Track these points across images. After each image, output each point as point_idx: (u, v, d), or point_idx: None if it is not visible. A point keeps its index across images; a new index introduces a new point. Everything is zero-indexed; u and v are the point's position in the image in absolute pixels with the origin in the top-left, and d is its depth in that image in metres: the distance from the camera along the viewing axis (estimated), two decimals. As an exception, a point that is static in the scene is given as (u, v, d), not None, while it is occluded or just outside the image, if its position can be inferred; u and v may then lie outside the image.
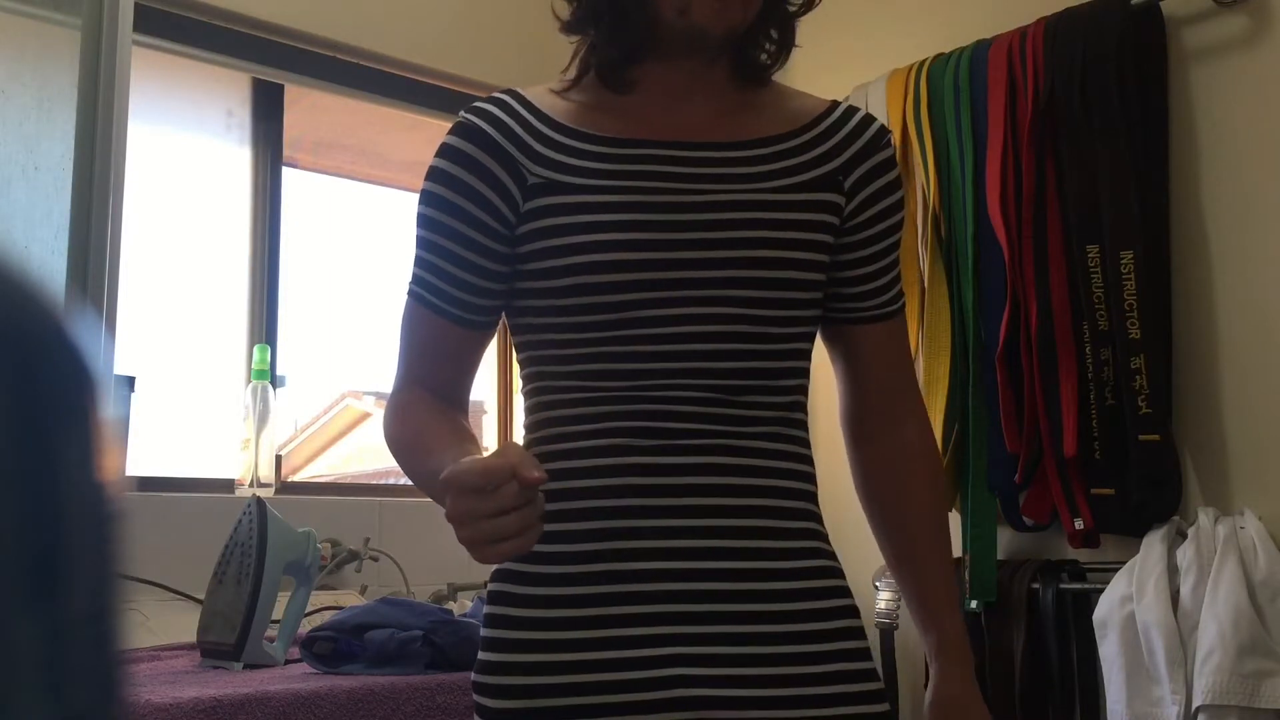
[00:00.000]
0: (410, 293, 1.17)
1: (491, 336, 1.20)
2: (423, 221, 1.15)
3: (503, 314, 1.19)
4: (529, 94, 1.17)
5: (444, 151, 1.14)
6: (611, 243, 1.08)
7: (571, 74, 1.18)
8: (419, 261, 1.16)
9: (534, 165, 1.11)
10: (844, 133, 1.19)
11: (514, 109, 1.15)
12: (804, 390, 1.18)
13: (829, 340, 1.25)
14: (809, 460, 1.17)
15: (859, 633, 1.14)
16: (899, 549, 1.24)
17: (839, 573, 1.16)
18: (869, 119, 1.22)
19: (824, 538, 1.17)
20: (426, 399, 1.15)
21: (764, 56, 1.20)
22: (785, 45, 1.20)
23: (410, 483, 1.18)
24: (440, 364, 1.17)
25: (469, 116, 1.15)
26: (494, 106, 1.15)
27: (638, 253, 1.08)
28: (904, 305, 1.26)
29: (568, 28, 1.17)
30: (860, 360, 1.23)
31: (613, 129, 1.14)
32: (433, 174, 1.14)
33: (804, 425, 1.17)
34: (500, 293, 1.15)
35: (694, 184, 1.11)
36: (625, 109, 1.15)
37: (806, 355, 1.18)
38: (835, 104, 1.22)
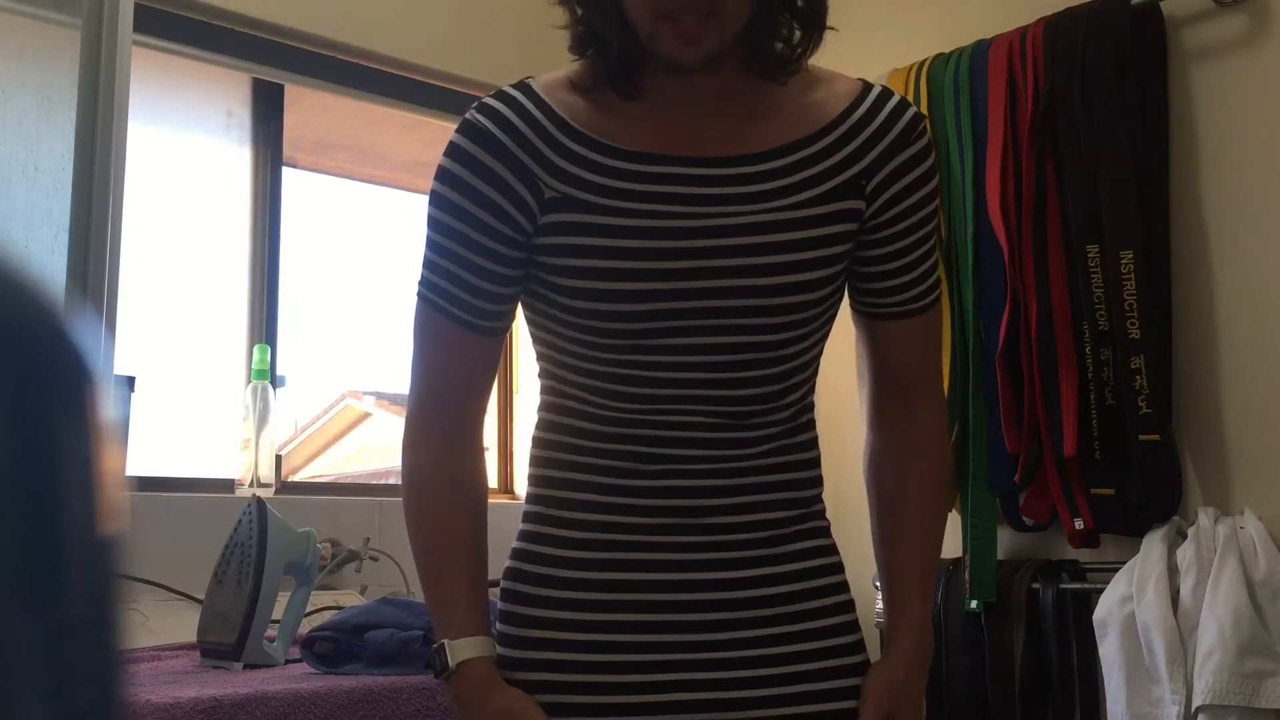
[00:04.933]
0: (422, 296, 1.13)
1: (505, 335, 1.18)
2: (433, 224, 1.11)
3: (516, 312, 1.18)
4: (541, 88, 1.12)
5: (453, 153, 1.10)
6: (627, 270, 1.07)
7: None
8: (430, 265, 1.12)
9: (550, 178, 1.08)
10: (871, 129, 1.13)
11: (526, 110, 1.10)
12: (810, 392, 1.18)
13: (858, 328, 1.23)
14: (813, 464, 1.18)
15: (850, 627, 1.16)
16: (885, 530, 1.22)
17: (835, 569, 1.18)
18: (902, 108, 1.15)
19: (823, 533, 1.18)
20: (448, 474, 1.14)
21: (781, 47, 1.11)
22: (812, 29, 1.11)
23: None
24: (457, 375, 1.15)
25: (478, 117, 1.10)
26: (505, 106, 1.10)
27: (652, 282, 1.07)
28: (935, 300, 1.21)
29: (572, 50, 1.13)
30: (881, 353, 1.22)
31: (629, 139, 1.10)
32: (442, 175, 1.10)
33: (809, 426, 1.18)
34: (513, 296, 1.14)
35: (709, 206, 1.09)
36: (641, 115, 1.11)
37: (815, 362, 1.17)
38: (867, 90, 1.16)
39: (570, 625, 1.10)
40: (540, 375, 1.18)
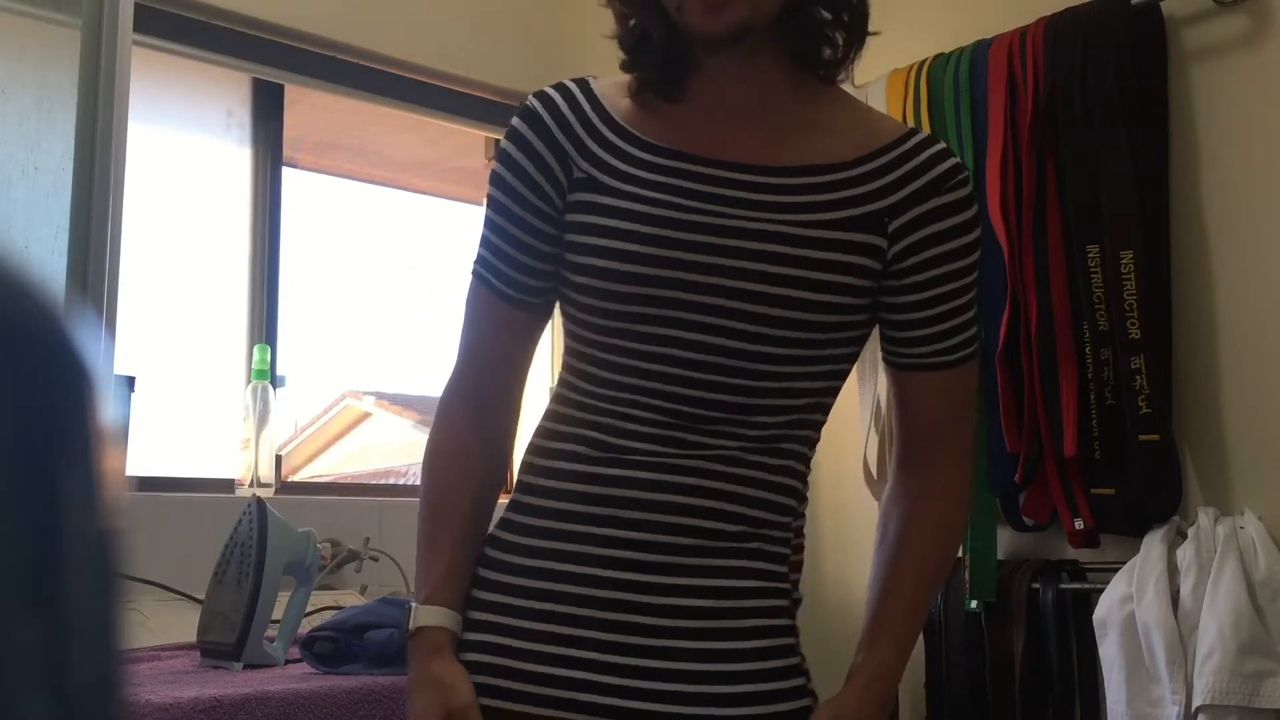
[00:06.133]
0: (471, 271, 1.20)
1: (546, 320, 1.21)
2: (487, 200, 1.19)
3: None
4: (598, 86, 1.18)
5: (507, 133, 1.17)
6: (624, 252, 1.09)
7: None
8: (481, 240, 1.19)
9: (581, 160, 1.13)
10: (904, 170, 1.11)
11: (575, 99, 1.16)
12: (800, 427, 1.13)
13: (887, 378, 1.21)
14: (779, 490, 1.12)
15: (781, 652, 1.10)
16: (879, 573, 1.17)
17: (776, 594, 1.11)
18: (941, 156, 1.13)
19: (772, 559, 1.12)
20: (468, 448, 1.17)
21: (828, 51, 1.12)
22: (855, 32, 1.13)
23: (410, 483, 1.20)
24: (491, 348, 1.19)
25: (533, 100, 1.17)
26: (557, 94, 1.17)
27: (645, 267, 1.08)
28: (966, 357, 1.16)
29: (623, 67, 1.17)
30: (905, 405, 1.18)
31: (663, 136, 1.13)
32: (497, 154, 1.18)
33: (791, 455, 1.13)
34: (550, 274, 1.16)
35: (720, 206, 1.09)
36: (681, 117, 1.14)
37: (808, 393, 1.12)
38: (911, 134, 1.15)
39: (506, 610, 1.11)
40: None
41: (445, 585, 1.13)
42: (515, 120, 1.17)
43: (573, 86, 1.17)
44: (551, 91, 1.17)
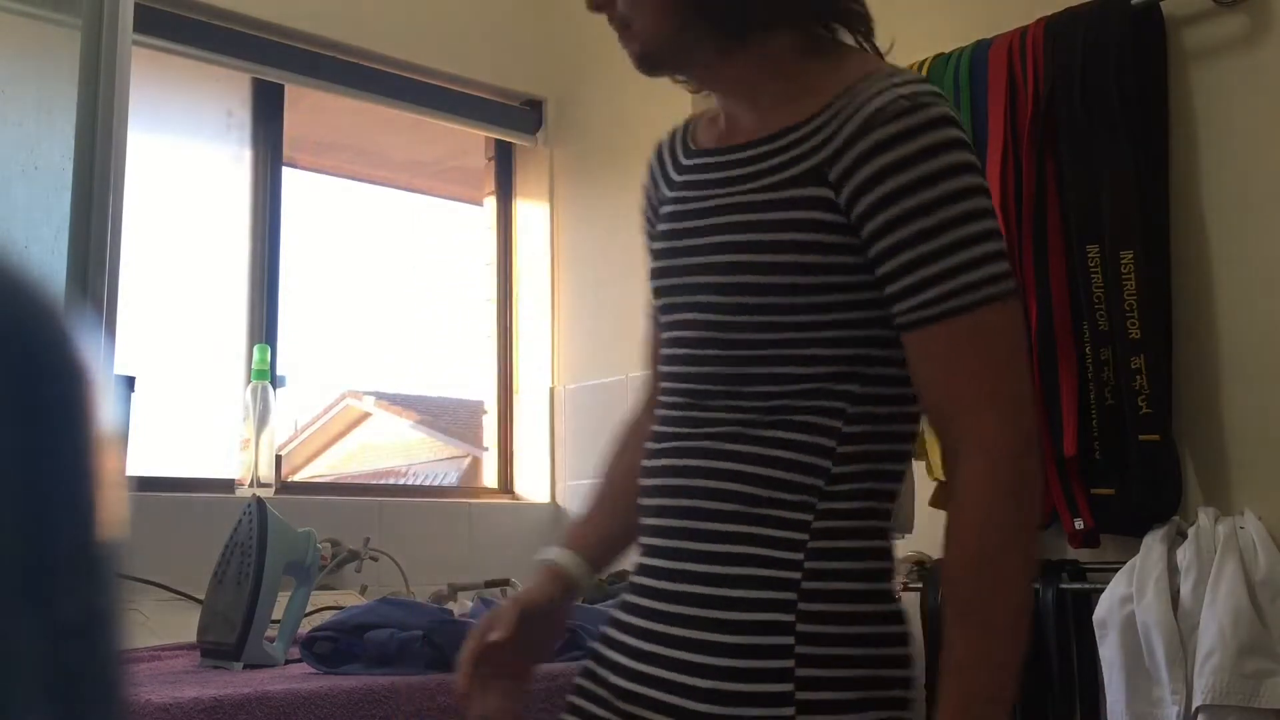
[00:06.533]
0: None
1: None
2: None
3: None
4: (703, 114, 1.26)
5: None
6: (652, 250, 1.22)
7: None
8: None
9: (662, 181, 1.25)
10: (844, 115, 1.05)
11: (679, 128, 1.28)
12: (822, 394, 1.06)
13: None
14: (794, 465, 1.06)
15: (769, 651, 1.03)
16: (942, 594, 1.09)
17: (775, 584, 1.04)
18: (880, 91, 1.04)
19: (773, 543, 1.05)
20: (632, 431, 1.32)
21: (745, 23, 1.11)
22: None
23: (410, 483, 1.25)
24: (650, 357, 1.31)
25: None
26: (678, 126, 1.28)
27: (657, 260, 1.20)
28: (963, 308, 1.01)
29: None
30: (914, 380, 1.07)
31: (706, 140, 1.22)
32: None
33: (806, 427, 1.06)
34: None
35: (701, 190, 1.16)
36: (719, 118, 1.22)
37: (818, 359, 1.06)
38: (867, 76, 1.07)
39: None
40: None
41: (577, 529, 1.29)
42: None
43: (691, 119, 1.27)
44: (677, 125, 1.28)
